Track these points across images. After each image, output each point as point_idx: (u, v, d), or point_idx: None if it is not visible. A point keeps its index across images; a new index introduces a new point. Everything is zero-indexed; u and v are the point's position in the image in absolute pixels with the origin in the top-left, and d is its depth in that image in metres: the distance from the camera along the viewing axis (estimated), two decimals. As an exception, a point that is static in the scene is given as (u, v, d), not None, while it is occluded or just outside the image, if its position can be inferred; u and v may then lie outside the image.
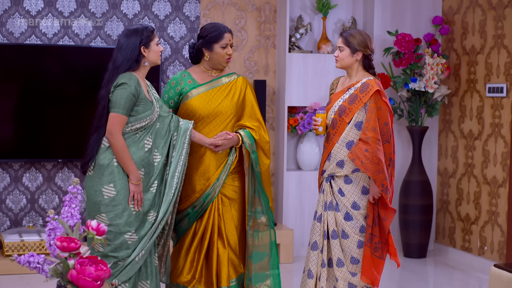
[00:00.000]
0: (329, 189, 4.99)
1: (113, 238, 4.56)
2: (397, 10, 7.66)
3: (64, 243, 3.25)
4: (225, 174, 5.01)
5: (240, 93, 5.09)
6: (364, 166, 4.78)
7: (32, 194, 7.06)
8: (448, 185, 7.70)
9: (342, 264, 4.92)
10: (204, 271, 5.01)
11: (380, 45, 7.58)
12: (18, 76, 6.86)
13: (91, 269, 3.20)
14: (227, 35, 5.01)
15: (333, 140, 4.97)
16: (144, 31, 4.67)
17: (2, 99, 6.83)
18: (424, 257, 7.56)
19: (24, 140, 6.93)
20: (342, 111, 4.94)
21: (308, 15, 7.67)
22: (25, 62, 6.84)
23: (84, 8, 7.09)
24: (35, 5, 7.00)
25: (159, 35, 7.27)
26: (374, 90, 4.88)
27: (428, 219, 7.52)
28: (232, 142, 4.98)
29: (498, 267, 4.64)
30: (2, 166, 6.98)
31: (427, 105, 7.47)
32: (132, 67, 4.64)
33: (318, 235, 5.01)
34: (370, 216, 4.91)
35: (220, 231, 5.02)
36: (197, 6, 7.38)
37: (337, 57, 4.99)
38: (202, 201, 5.00)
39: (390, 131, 4.92)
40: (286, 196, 7.45)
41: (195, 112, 5.00)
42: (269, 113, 7.63)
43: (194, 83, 5.05)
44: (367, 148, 4.79)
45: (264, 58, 7.62)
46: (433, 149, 7.85)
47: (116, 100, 4.54)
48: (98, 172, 4.57)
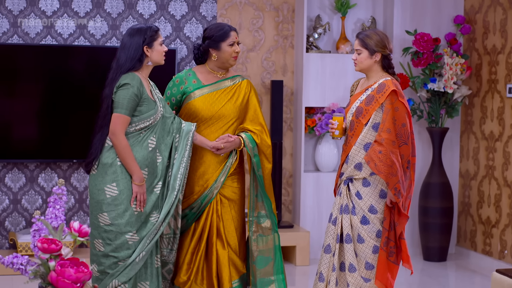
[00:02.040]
0: (346, 192, 4.89)
1: (114, 238, 4.54)
2: (417, 9, 7.54)
3: (45, 244, 3.22)
4: (223, 176, 4.96)
5: (244, 96, 5.04)
6: (378, 168, 4.68)
7: (48, 195, 7.06)
8: (469, 188, 7.55)
9: (354, 270, 4.82)
10: (205, 272, 4.96)
11: (400, 45, 7.46)
12: (32, 77, 6.86)
13: (71, 271, 3.16)
14: (233, 33, 4.98)
15: (351, 143, 4.87)
16: (147, 31, 4.64)
17: (18, 100, 6.84)
18: (444, 260, 7.43)
19: (38, 140, 6.93)
20: (359, 113, 4.84)
21: (327, 14, 7.58)
22: (41, 62, 6.84)
23: (99, 8, 7.07)
24: (51, 6, 6.99)
25: (175, 36, 7.23)
26: (390, 90, 4.77)
27: (448, 222, 7.38)
28: (234, 145, 4.94)
29: (500, 273, 4.53)
30: (18, 167, 6.98)
31: (447, 105, 7.34)
32: (135, 67, 4.62)
33: (331, 238, 4.92)
34: (387, 219, 4.80)
35: (219, 232, 4.96)
36: (213, 6, 7.33)
37: (355, 60, 4.89)
38: (200, 203, 4.96)
39: (408, 133, 4.79)
40: (303, 197, 7.37)
41: (198, 113, 4.96)
42: (287, 114, 7.55)
43: (198, 84, 5.01)
44: (380, 150, 4.69)
45: (282, 58, 7.54)
46: (455, 150, 7.71)
47: (119, 101, 4.53)
48: (102, 171, 4.56)
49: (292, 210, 7.60)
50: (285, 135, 7.55)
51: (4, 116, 6.82)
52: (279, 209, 7.27)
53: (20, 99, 6.85)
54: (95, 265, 4.60)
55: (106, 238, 4.55)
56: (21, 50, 6.81)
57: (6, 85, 6.81)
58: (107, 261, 4.56)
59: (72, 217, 7.07)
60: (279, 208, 7.27)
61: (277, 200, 7.25)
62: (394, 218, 4.80)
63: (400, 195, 4.71)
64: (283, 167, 7.54)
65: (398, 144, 4.75)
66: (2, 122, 6.83)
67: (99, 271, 4.59)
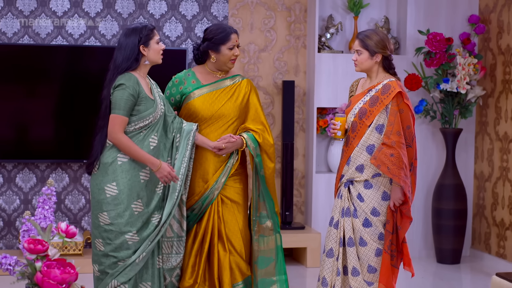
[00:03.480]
0: (347, 195, 4.83)
1: (113, 238, 4.54)
2: (431, 9, 7.45)
3: (31, 245, 3.20)
4: (224, 177, 4.91)
5: (244, 96, 5.00)
6: (392, 172, 4.60)
7: (58, 195, 7.06)
8: (484, 189, 7.45)
9: (358, 273, 4.76)
10: (207, 274, 4.92)
11: (414, 44, 7.38)
12: (44, 77, 6.88)
13: (56, 272, 3.15)
14: (234, 36, 4.92)
15: (353, 144, 4.80)
16: (143, 30, 4.63)
17: (30, 100, 6.85)
18: (458, 263, 7.33)
19: (48, 141, 6.94)
20: (362, 114, 4.77)
21: (339, 14, 7.52)
22: (53, 63, 6.85)
23: (110, 9, 7.06)
24: (62, 6, 7.00)
25: (186, 36, 7.21)
26: (396, 92, 4.71)
27: (462, 224, 7.29)
28: (236, 145, 4.90)
29: (500, 276, 4.45)
30: (29, 167, 7.00)
31: (460, 106, 7.24)
32: (131, 67, 4.61)
33: (334, 242, 4.85)
34: (391, 222, 4.74)
35: (220, 234, 4.92)
36: (225, 6, 7.30)
37: (355, 60, 4.82)
38: (200, 204, 4.92)
39: (413, 135, 4.74)
40: (315, 198, 7.31)
41: (198, 113, 4.93)
42: (299, 114, 7.50)
43: (197, 84, 4.98)
44: (392, 153, 4.61)
45: (294, 58, 7.49)
46: (469, 151, 7.61)
47: (116, 101, 4.53)
48: (102, 170, 4.56)
49: (304, 211, 7.55)
50: (297, 136, 7.50)
51: (15, 117, 6.83)
52: (291, 210, 7.22)
53: (30, 100, 6.86)
54: (96, 265, 4.59)
55: (106, 238, 4.54)
56: (32, 51, 6.82)
57: (16, 85, 6.82)
58: (107, 260, 4.56)
59: (83, 217, 7.07)
60: (291, 209, 7.22)
61: (288, 201, 7.20)
62: (398, 221, 4.74)
63: (411, 199, 4.67)
64: (295, 168, 7.49)
65: None
66: (12, 123, 6.85)
67: (99, 271, 4.58)
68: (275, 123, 7.44)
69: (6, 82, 6.80)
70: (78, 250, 6.68)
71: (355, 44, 4.81)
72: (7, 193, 6.97)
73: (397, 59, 7.37)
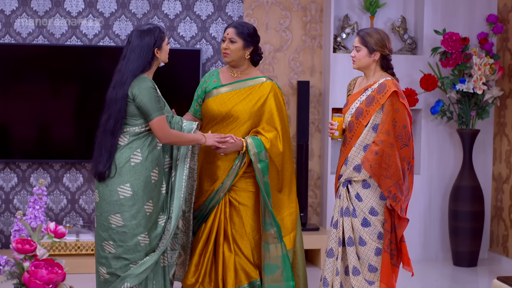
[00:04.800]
0: (346, 194, 4.80)
1: (126, 240, 4.50)
2: (449, 8, 7.36)
3: (19, 245, 3.20)
4: (230, 180, 4.85)
5: (260, 98, 4.90)
6: (373, 170, 4.61)
7: (73, 195, 7.08)
8: (502, 191, 7.35)
9: (358, 273, 4.72)
10: (212, 274, 4.88)
11: (431, 44, 7.30)
12: (57, 78, 6.90)
13: (43, 272, 3.13)
14: (227, 30, 4.91)
15: (350, 144, 4.78)
16: (156, 32, 4.58)
17: (44, 100, 6.88)
18: (475, 266, 7.23)
19: (63, 141, 6.96)
20: (359, 114, 4.75)
21: (356, 14, 7.45)
22: (67, 63, 6.87)
23: (124, 9, 7.06)
24: (76, 6, 7.02)
25: (201, 36, 7.19)
26: (391, 91, 4.68)
27: (479, 226, 7.19)
28: (235, 147, 4.80)
29: (501, 280, 4.37)
30: (43, 167, 7.02)
31: (477, 107, 7.14)
32: (145, 69, 4.56)
33: (334, 242, 4.83)
34: (388, 221, 4.71)
35: (226, 234, 4.87)
36: (240, 5, 7.27)
37: (354, 57, 4.79)
38: (207, 204, 4.89)
39: (409, 134, 4.71)
40: (330, 199, 7.26)
41: (209, 112, 4.91)
42: (314, 115, 7.44)
43: (217, 83, 4.96)
44: (377, 151, 4.61)
45: (309, 58, 7.44)
46: (488, 153, 7.51)
47: (151, 104, 4.47)
48: (113, 172, 4.50)
49: (319, 212, 7.49)
50: (313, 137, 7.45)
51: (29, 116, 6.87)
52: (306, 211, 7.17)
53: (44, 99, 6.88)
54: (104, 267, 4.55)
55: (118, 240, 4.50)
56: (47, 51, 6.84)
57: (30, 85, 6.85)
58: (118, 263, 4.52)
59: (97, 217, 7.09)
60: (306, 210, 7.17)
61: (303, 202, 7.15)
62: (395, 220, 4.70)
63: (396, 198, 4.61)
64: (310, 169, 7.44)
65: (399, 146, 4.66)
66: (26, 123, 6.88)
67: (108, 273, 4.54)
68: (290, 124, 7.39)
69: (19, 82, 6.83)
70: (91, 250, 6.69)
71: (355, 41, 4.79)
72: (21, 193, 7.00)
73: (414, 59, 7.30)
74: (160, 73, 7.04)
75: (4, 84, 6.82)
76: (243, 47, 4.89)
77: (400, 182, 4.66)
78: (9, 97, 6.83)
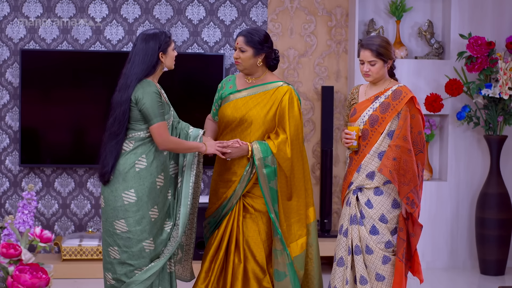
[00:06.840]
0: (355, 202, 4.74)
1: (131, 245, 4.49)
2: (477, 12, 7.23)
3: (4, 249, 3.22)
4: (241, 187, 4.80)
5: (275, 103, 4.85)
6: (392, 176, 4.54)
7: (96, 200, 7.11)
8: (530, 199, 7.20)
9: (365, 282, 4.66)
10: (221, 282, 4.85)
11: (458, 49, 7.18)
12: (80, 84, 6.95)
13: (26, 276, 3.14)
14: (237, 39, 4.87)
15: (364, 152, 4.72)
16: (162, 36, 4.57)
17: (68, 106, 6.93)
18: (502, 274, 7.10)
19: (85, 146, 7.00)
20: (374, 121, 4.69)
21: (382, 18, 7.37)
22: (92, 68, 6.92)
23: (148, 15, 7.08)
24: (100, 12, 7.05)
25: (225, 41, 7.17)
26: (408, 97, 4.66)
27: (507, 234, 7.05)
28: (241, 151, 4.76)
29: (505, 290, 4.28)
30: (67, 172, 7.06)
31: (504, 112, 7.01)
32: (149, 74, 4.55)
33: (343, 251, 4.76)
34: (404, 230, 4.64)
35: (238, 243, 4.82)
36: (264, 10, 7.23)
37: (368, 71, 4.71)
38: (220, 211, 4.87)
39: (424, 141, 4.67)
40: (355, 206, 7.17)
41: (224, 118, 4.88)
42: (340, 121, 7.37)
43: (233, 88, 4.94)
44: (395, 157, 4.56)
45: (335, 63, 7.37)
46: (517, 159, 7.38)
47: (152, 110, 4.46)
48: (119, 177, 4.50)
49: (335, 216, 7.42)
50: (338, 142, 7.38)
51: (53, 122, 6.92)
52: (329, 217, 7.10)
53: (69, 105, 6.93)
54: (110, 273, 4.57)
55: (122, 246, 4.50)
56: (71, 56, 6.90)
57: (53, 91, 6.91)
58: (123, 268, 4.52)
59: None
60: (329, 217, 7.10)
61: (328, 208, 7.08)
62: (409, 229, 4.62)
63: (414, 205, 4.55)
64: (335, 175, 7.37)
65: (415, 152, 4.60)
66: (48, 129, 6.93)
67: (113, 279, 4.55)
68: (315, 130, 7.34)
69: (44, 88, 6.89)
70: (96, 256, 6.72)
71: (366, 55, 4.68)
72: (46, 197, 7.05)
73: (440, 64, 7.19)
74: (184, 78, 7.09)
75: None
76: (253, 55, 4.84)
77: (417, 188, 4.60)
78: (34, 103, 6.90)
